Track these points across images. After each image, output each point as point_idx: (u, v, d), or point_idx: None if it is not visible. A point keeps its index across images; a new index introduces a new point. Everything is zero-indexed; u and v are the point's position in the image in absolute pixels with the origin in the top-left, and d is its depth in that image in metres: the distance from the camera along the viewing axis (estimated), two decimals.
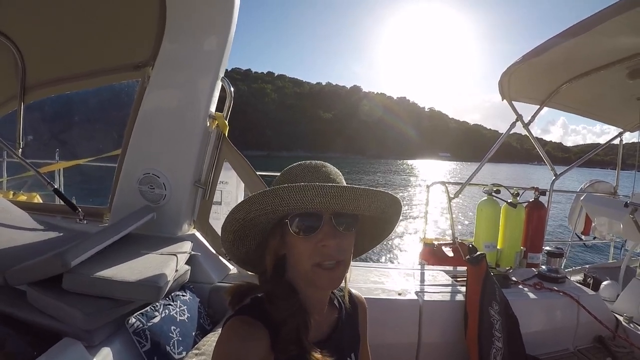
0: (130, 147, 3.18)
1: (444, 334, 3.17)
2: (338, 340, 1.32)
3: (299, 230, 1.13)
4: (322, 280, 1.15)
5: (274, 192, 1.08)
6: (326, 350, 1.17)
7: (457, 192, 5.08)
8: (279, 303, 1.17)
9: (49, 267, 2.05)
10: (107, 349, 2.02)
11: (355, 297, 1.51)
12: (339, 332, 1.33)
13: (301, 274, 1.18)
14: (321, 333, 1.29)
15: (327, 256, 1.12)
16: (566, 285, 3.75)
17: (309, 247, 1.13)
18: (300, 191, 1.05)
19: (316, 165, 1.24)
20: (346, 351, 1.35)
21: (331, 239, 1.11)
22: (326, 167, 1.24)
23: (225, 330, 1.14)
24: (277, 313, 1.15)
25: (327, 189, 1.05)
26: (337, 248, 1.13)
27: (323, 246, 1.12)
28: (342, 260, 1.15)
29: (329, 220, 1.13)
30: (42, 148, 5.12)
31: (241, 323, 1.14)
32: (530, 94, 5.08)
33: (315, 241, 1.12)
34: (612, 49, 3.72)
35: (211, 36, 2.96)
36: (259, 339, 1.10)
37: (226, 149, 3.24)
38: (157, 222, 3.02)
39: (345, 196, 1.07)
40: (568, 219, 6.59)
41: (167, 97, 3.14)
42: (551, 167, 5.35)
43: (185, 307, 2.49)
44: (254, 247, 1.29)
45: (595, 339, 3.50)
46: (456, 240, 4.71)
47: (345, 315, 1.40)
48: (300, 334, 1.13)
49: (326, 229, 1.12)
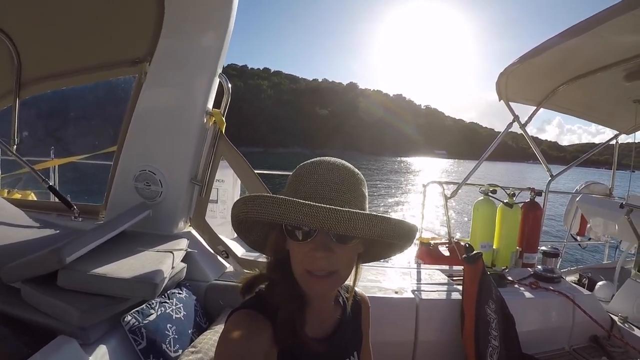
0: (126, 144, 3.16)
1: (441, 332, 3.18)
2: (341, 338, 1.31)
3: (293, 235, 1.11)
4: (310, 287, 1.13)
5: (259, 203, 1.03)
6: (329, 347, 1.18)
7: (453, 192, 5.09)
8: (275, 288, 1.17)
9: (44, 263, 2.03)
10: (103, 346, 2.01)
11: (359, 296, 1.50)
12: (342, 330, 1.32)
13: (296, 276, 1.15)
14: (325, 330, 1.28)
15: (317, 266, 1.09)
16: (562, 285, 3.77)
17: (301, 252, 1.10)
18: (286, 208, 0.99)
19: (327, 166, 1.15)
20: (349, 349, 1.35)
21: (321, 250, 1.07)
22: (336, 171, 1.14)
23: (229, 324, 1.13)
24: (272, 298, 1.15)
25: (315, 210, 0.98)
26: (329, 260, 1.08)
27: (312, 256, 1.08)
28: (334, 271, 1.11)
29: (323, 231, 1.07)
30: (37, 145, 5.09)
31: (244, 317, 1.13)
32: (527, 95, 5.09)
33: (308, 249, 1.08)
34: (609, 51, 3.72)
35: (209, 32, 2.93)
36: (261, 333, 1.09)
37: (223, 146, 3.22)
38: (153, 220, 3.00)
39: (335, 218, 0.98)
40: (564, 220, 6.63)
41: (164, 93, 3.12)
42: (547, 167, 5.37)
43: (182, 304, 2.48)
44: (262, 237, 1.27)
45: (590, 338, 3.52)
46: (452, 240, 4.71)
47: (349, 313, 1.38)
48: (294, 322, 1.12)
49: (319, 239, 1.08)
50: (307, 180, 1.13)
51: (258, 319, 1.12)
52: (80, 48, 3.36)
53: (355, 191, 1.15)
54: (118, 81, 3.41)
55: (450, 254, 4.71)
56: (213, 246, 3.29)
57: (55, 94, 3.83)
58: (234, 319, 1.14)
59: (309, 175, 1.14)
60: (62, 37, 3.33)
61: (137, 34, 3.07)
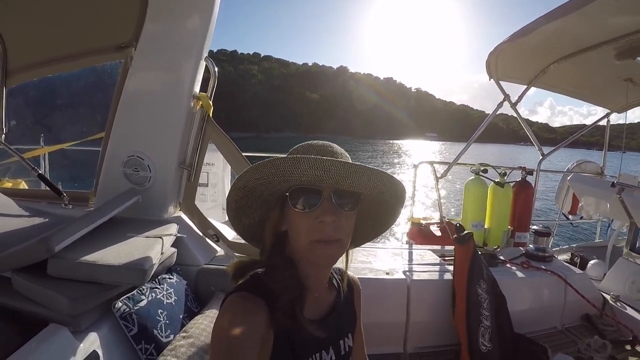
0: (114, 130, 3.14)
1: (432, 312, 3.20)
2: (336, 319, 1.32)
3: (298, 205, 1.12)
4: (318, 257, 1.14)
5: (270, 162, 1.07)
6: (325, 328, 1.18)
7: (444, 172, 5.08)
8: (275, 274, 1.17)
9: (33, 252, 2.03)
10: (94, 333, 2.01)
11: (351, 278, 1.51)
12: (337, 311, 1.34)
13: (299, 250, 1.17)
14: (320, 312, 1.29)
15: (323, 233, 1.11)
16: (553, 264, 3.79)
17: (307, 223, 1.12)
18: (296, 162, 1.04)
19: (323, 144, 1.23)
20: (344, 330, 1.37)
21: (328, 215, 1.10)
22: (332, 146, 1.23)
23: (225, 307, 1.13)
24: (273, 284, 1.14)
25: (322, 162, 1.04)
26: (334, 225, 1.11)
27: (320, 222, 1.10)
28: (339, 239, 1.14)
29: (328, 197, 1.11)
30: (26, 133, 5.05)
31: (241, 299, 1.13)
32: (518, 74, 5.08)
33: (314, 217, 1.11)
34: (600, 30, 3.71)
35: (194, 15, 2.90)
36: (258, 315, 1.09)
37: (211, 130, 3.21)
38: (143, 205, 2.99)
39: (341, 171, 1.05)
40: (555, 199, 6.63)
41: (150, 78, 3.09)
42: (538, 147, 5.36)
43: (172, 290, 2.48)
44: (257, 220, 1.28)
45: (582, 317, 3.56)
46: (444, 220, 4.72)
47: (343, 296, 1.40)
48: (294, 308, 1.12)
49: (325, 205, 1.11)
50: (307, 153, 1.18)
51: (255, 302, 1.12)
52: (65, 35, 3.31)
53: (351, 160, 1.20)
54: (105, 67, 3.38)
55: (442, 233, 4.72)
56: (203, 230, 3.28)
57: (42, 82, 3.80)
58: (231, 301, 1.14)
59: (308, 151, 1.19)
60: (46, 24, 3.28)
61: (121, 19, 3.03)
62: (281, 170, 1.06)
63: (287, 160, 1.05)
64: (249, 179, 1.12)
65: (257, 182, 1.11)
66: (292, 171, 1.04)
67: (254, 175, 1.11)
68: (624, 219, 4.46)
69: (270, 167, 1.07)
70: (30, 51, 3.55)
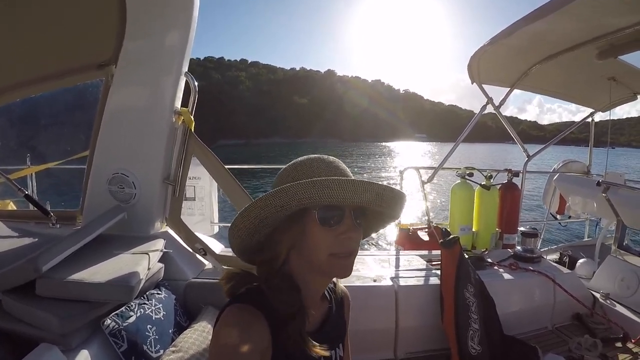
0: (97, 148, 3.15)
1: (421, 318, 3.21)
2: (329, 331, 1.34)
3: (325, 221, 1.14)
4: (337, 268, 1.18)
5: (302, 185, 1.08)
6: (318, 341, 1.18)
7: (430, 177, 5.09)
8: (283, 297, 1.16)
9: (21, 273, 2.06)
10: (85, 351, 2.02)
11: (341, 289, 1.54)
12: (329, 323, 1.36)
13: (314, 264, 1.18)
14: (314, 325, 1.30)
15: (346, 247, 1.15)
16: (542, 265, 3.81)
17: (329, 238, 1.14)
18: (329, 186, 1.07)
19: (333, 160, 1.25)
20: (335, 342, 1.38)
21: (353, 231, 1.15)
22: (338, 162, 1.26)
23: (224, 319, 1.12)
24: (282, 308, 1.14)
25: (354, 184, 1.08)
26: (356, 240, 1.18)
27: (345, 238, 1.14)
28: (355, 251, 1.18)
29: (349, 214, 1.15)
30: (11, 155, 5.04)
31: (243, 312, 1.13)
32: (500, 76, 5.09)
33: (337, 233, 1.14)
34: (581, 30, 3.71)
35: (173, 32, 2.93)
36: (260, 330, 1.10)
37: (193, 144, 3.22)
38: (129, 222, 3.01)
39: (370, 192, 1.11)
40: (542, 199, 6.67)
41: (131, 95, 3.11)
42: (523, 148, 5.38)
43: (161, 305, 2.49)
44: (263, 239, 1.25)
45: (573, 316, 3.57)
46: (431, 224, 4.74)
47: (335, 307, 1.42)
48: (303, 332, 1.15)
49: (348, 222, 1.15)
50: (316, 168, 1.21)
51: (257, 316, 1.12)
52: (45, 55, 3.30)
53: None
54: (86, 85, 3.39)
55: (429, 238, 4.74)
56: (190, 244, 3.29)
57: (24, 103, 3.79)
58: (231, 311, 1.14)
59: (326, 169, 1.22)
60: (25, 45, 3.28)
61: (101, 38, 3.04)
62: (313, 194, 1.08)
63: (320, 184, 1.07)
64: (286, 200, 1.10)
65: (293, 201, 1.10)
66: (327, 194, 1.07)
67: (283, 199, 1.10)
68: (610, 217, 4.49)
69: (304, 190, 1.08)
70: (10, 73, 3.55)
